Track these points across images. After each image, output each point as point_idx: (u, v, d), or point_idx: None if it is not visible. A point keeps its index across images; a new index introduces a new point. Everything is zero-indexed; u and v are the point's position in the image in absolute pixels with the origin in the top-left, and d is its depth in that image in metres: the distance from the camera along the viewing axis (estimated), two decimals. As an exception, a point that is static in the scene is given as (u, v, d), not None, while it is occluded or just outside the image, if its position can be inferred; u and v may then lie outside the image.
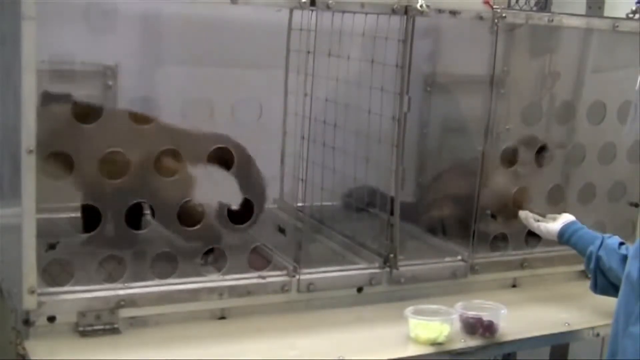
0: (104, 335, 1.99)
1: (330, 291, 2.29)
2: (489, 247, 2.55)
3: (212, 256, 2.25)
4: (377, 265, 2.37)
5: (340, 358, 1.97)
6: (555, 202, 2.73)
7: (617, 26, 2.60)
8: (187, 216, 2.21)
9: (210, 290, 2.13)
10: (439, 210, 2.79)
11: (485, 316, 2.13)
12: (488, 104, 2.46)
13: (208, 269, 2.20)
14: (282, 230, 2.62)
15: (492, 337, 2.13)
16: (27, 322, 1.93)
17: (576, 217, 2.49)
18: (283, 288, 2.21)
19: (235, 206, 2.38)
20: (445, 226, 2.74)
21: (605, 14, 3.02)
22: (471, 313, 2.14)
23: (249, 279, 2.19)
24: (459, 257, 2.49)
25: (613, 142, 2.67)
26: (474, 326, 2.12)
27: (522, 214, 2.53)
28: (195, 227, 2.20)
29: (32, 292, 1.91)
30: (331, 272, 2.31)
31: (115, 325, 2.02)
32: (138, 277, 2.09)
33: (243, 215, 2.35)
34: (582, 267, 2.68)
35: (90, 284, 2.03)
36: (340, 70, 2.54)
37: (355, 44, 2.45)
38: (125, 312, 2.03)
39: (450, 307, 2.15)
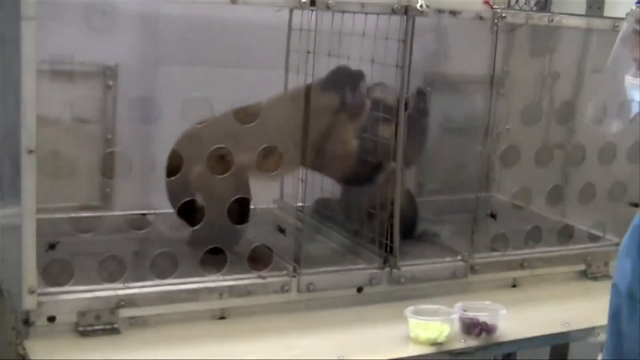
0: (104, 335, 1.99)
1: (330, 291, 2.29)
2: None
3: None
4: (377, 265, 2.37)
5: (340, 358, 1.97)
6: (555, 202, 2.74)
7: (617, 26, 2.59)
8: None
9: (210, 290, 2.13)
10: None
11: (484, 317, 2.13)
12: (488, 104, 2.46)
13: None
14: (282, 230, 2.62)
15: (491, 337, 2.13)
16: (27, 322, 1.93)
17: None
18: (283, 288, 2.21)
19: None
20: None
21: (605, 14, 3.02)
22: (470, 313, 2.14)
23: (249, 279, 2.19)
24: (459, 257, 2.49)
25: (613, 142, 2.67)
26: (472, 327, 2.12)
27: None
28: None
29: (32, 292, 1.91)
30: (331, 272, 2.31)
31: (115, 325, 2.02)
32: (138, 277, 2.09)
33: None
34: (582, 267, 2.69)
35: (90, 284, 2.03)
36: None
37: (355, 44, 2.45)
38: (125, 312, 2.03)
39: (450, 307, 2.15)
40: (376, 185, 2.46)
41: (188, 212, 2.30)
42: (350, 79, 2.46)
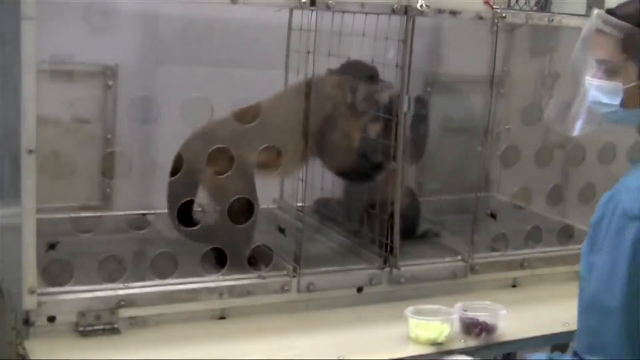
0: (104, 335, 1.99)
1: (330, 291, 2.29)
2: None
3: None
4: (377, 265, 2.36)
5: (340, 358, 1.97)
6: (555, 202, 2.73)
7: (617, 26, 2.59)
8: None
9: (210, 290, 2.13)
10: None
11: (485, 317, 2.13)
12: (488, 104, 2.46)
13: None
14: (282, 230, 2.62)
15: (491, 337, 2.13)
16: (27, 322, 1.93)
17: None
18: (283, 288, 2.21)
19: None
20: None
21: (605, 13, 3.01)
22: (470, 313, 2.14)
23: (249, 279, 2.19)
24: (459, 257, 2.49)
25: (613, 142, 2.66)
26: (472, 327, 2.12)
27: None
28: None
29: (32, 292, 1.91)
30: (331, 272, 2.31)
31: (115, 325, 2.02)
32: (138, 277, 2.09)
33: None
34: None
35: (90, 284, 2.03)
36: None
37: (355, 44, 2.45)
38: (125, 312, 2.03)
39: (450, 307, 2.14)
40: (376, 184, 2.46)
41: (185, 213, 2.30)
42: (363, 74, 2.45)
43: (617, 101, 1.66)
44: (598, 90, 1.69)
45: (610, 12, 1.68)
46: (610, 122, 1.77)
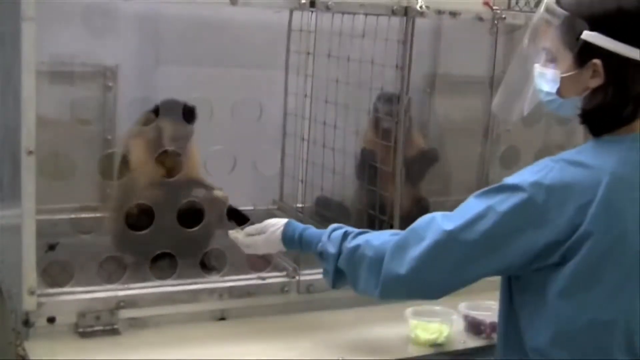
0: (103, 336, 1.99)
1: (330, 292, 2.28)
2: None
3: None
4: (377, 266, 2.36)
5: (340, 358, 1.97)
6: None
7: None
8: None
9: (210, 291, 2.13)
10: None
11: (491, 317, 2.13)
12: (488, 105, 2.45)
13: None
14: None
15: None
16: (26, 323, 1.93)
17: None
18: (283, 289, 2.21)
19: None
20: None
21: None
22: (476, 313, 2.13)
23: (249, 280, 2.19)
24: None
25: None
26: (478, 326, 2.12)
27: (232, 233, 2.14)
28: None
29: (31, 293, 1.91)
30: (331, 273, 2.30)
31: (115, 326, 2.02)
32: (138, 278, 2.09)
33: None
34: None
35: (90, 285, 2.03)
36: (340, 71, 2.54)
37: (355, 45, 2.45)
38: (125, 313, 2.03)
39: (451, 307, 2.14)
40: (378, 186, 2.46)
41: None
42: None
43: (554, 89, 1.66)
44: (540, 78, 1.70)
45: (557, 1, 1.67)
46: (551, 111, 1.77)
